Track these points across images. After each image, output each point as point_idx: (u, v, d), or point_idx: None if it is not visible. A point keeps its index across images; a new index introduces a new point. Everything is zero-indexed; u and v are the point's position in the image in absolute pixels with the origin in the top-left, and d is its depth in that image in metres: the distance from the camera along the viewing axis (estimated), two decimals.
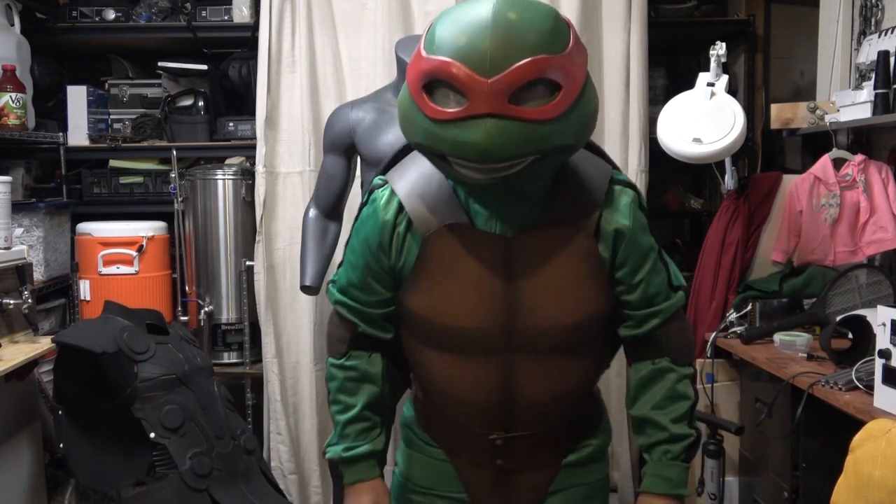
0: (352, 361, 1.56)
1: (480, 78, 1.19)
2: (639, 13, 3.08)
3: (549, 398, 1.48)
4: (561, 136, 1.25)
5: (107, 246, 3.11)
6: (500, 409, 1.47)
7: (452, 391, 1.49)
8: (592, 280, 1.41)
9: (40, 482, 2.62)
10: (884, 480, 1.59)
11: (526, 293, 1.40)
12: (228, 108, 3.62)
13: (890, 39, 2.60)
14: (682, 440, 1.48)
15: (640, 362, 1.52)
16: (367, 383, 1.56)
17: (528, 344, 1.43)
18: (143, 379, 2.33)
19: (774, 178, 2.94)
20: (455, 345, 1.45)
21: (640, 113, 3.11)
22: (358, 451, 1.55)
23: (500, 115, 1.20)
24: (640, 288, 1.44)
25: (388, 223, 1.43)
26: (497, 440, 1.50)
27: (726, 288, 2.87)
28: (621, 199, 1.43)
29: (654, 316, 1.47)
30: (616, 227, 1.41)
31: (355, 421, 1.55)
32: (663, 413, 1.48)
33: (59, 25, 3.44)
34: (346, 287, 1.53)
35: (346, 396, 1.56)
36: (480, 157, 1.23)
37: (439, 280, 1.42)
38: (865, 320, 2.14)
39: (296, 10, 3.05)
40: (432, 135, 1.26)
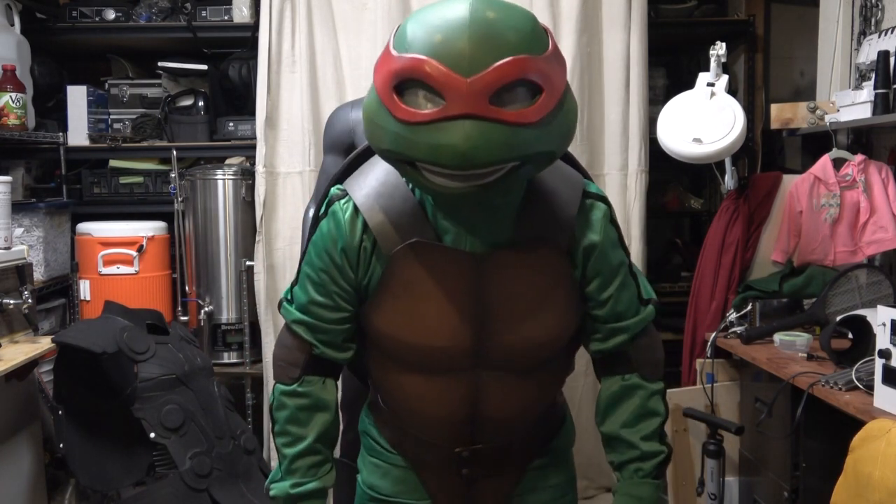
0: (305, 388, 1.43)
1: (459, 76, 1.10)
2: (639, 13, 3.08)
3: (516, 412, 1.44)
4: (542, 142, 1.18)
5: (107, 246, 3.11)
6: (466, 424, 1.43)
7: (418, 408, 1.43)
8: (564, 299, 1.37)
9: (40, 482, 2.62)
10: (884, 480, 1.59)
11: (496, 313, 1.34)
12: (228, 108, 3.62)
13: (890, 39, 2.60)
14: (653, 458, 1.44)
15: (609, 378, 1.47)
16: (320, 412, 1.44)
17: (496, 362, 1.38)
18: (143, 379, 2.33)
19: (774, 178, 2.93)
20: (422, 363, 1.39)
21: (640, 113, 3.11)
22: (306, 489, 1.43)
23: (480, 116, 1.11)
24: (609, 304, 1.40)
25: (353, 240, 1.34)
26: (463, 452, 1.46)
27: (726, 288, 2.87)
28: (593, 214, 1.37)
29: (622, 332, 1.43)
30: (587, 242, 1.36)
31: (305, 455, 1.43)
32: (634, 431, 1.44)
33: (59, 25, 3.44)
34: (306, 305, 1.40)
35: (295, 427, 1.43)
36: (458, 161, 1.12)
37: (405, 299, 1.34)
38: (865, 320, 2.14)
39: (296, 10, 3.05)
40: (403, 139, 1.15)
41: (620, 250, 1.41)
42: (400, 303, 1.34)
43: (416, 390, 1.41)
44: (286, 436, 1.44)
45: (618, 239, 1.41)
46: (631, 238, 3.16)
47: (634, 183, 3.14)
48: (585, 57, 3.07)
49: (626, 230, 3.16)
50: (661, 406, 1.46)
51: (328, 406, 1.45)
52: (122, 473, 2.55)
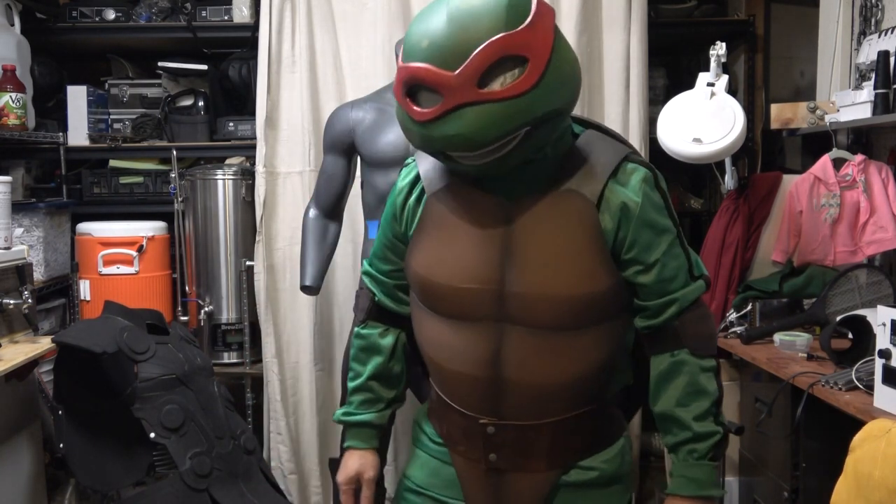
0: (367, 330, 1.62)
1: (447, 73, 1.23)
2: (639, 13, 3.08)
3: (541, 383, 1.41)
4: (542, 104, 1.27)
5: (107, 246, 3.11)
6: (489, 387, 1.43)
7: (445, 360, 1.47)
8: (591, 253, 1.37)
9: (40, 482, 2.62)
10: (884, 480, 1.59)
11: (520, 258, 1.38)
12: (228, 108, 3.62)
13: (890, 39, 2.60)
14: (707, 438, 1.40)
15: (658, 355, 1.44)
16: (376, 355, 1.61)
17: (519, 314, 1.38)
18: (143, 379, 2.33)
19: (774, 178, 2.94)
20: (449, 307, 1.44)
21: (640, 113, 3.11)
22: (356, 419, 1.61)
23: (473, 102, 1.24)
24: (656, 269, 1.38)
25: (403, 189, 1.50)
26: (488, 426, 1.45)
27: (726, 288, 2.87)
28: (633, 176, 1.39)
29: (671, 304, 1.40)
30: (623, 200, 1.37)
31: (360, 390, 1.61)
32: (686, 410, 1.41)
33: (59, 25, 3.44)
34: (371, 257, 1.62)
35: (356, 364, 1.62)
36: (468, 146, 1.27)
37: (437, 239, 1.44)
38: (865, 320, 2.14)
39: (296, 10, 3.05)
40: (424, 136, 1.30)
41: (667, 218, 1.41)
42: (432, 242, 1.45)
43: (444, 339, 1.46)
44: (351, 370, 1.63)
45: (664, 206, 1.41)
46: None
47: None
48: (585, 57, 3.07)
49: None
50: (713, 384, 1.42)
51: (383, 351, 1.61)
52: (122, 473, 2.55)
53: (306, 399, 3.10)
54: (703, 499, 1.40)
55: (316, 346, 3.08)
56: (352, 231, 3.01)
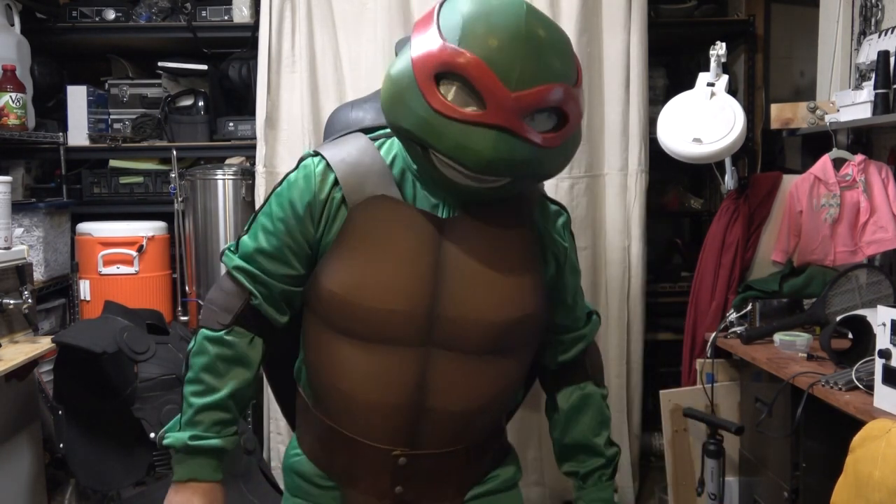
0: (232, 337, 1.35)
1: (505, 89, 1.14)
2: (639, 13, 3.08)
3: (462, 409, 1.34)
4: (552, 164, 1.25)
5: (107, 246, 3.11)
6: (408, 414, 1.32)
7: (360, 390, 1.32)
8: (526, 279, 1.33)
9: (40, 482, 2.62)
10: (884, 480, 1.59)
11: (454, 279, 1.29)
12: (228, 108, 3.62)
13: (890, 39, 2.60)
14: (612, 461, 1.50)
15: (565, 388, 1.50)
16: (241, 367, 1.35)
17: (449, 338, 1.30)
18: (143, 379, 2.33)
19: (774, 178, 2.94)
20: (371, 331, 1.30)
21: (640, 113, 3.11)
22: (206, 444, 1.33)
23: (512, 131, 1.16)
24: (575, 309, 1.46)
25: (322, 191, 1.31)
26: (400, 457, 1.34)
27: (726, 288, 2.87)
28: (559, 219, 1.42)
29: (580, 340, 1.48)
30: (559, 244, 1.40)
31: (213, 408, 1.33)
32: (599, 438, 1.49)
33: (59, 25, 3.44)
34: (252, 254, 1.35)
35: (211, 377, 1.34)
36: (479, 167, 1.18)
37: (363, 255, 1.29)
38: (865, 320, 2.14)
39: (296, 10, 3.05)
40: (430, 127, 1.17)
41: (576, 258, 1.47)
42: (354, 259, 1.29)
43: (360, 366, 1.31)
44: (198, 384, 1.34)
45: (574, 247, 1.46)
46: (631, 238, 3.16)
47: (634, 183, 3.14)
48: (585, 57, 3.07)
49: (626, 230, 3.17)
50: (608, 410, 1.53)
51: (251, 364, 1.37)
52: (122, 473, 2.55)
53: None
54: None
55: None
56: None
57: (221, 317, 1.35)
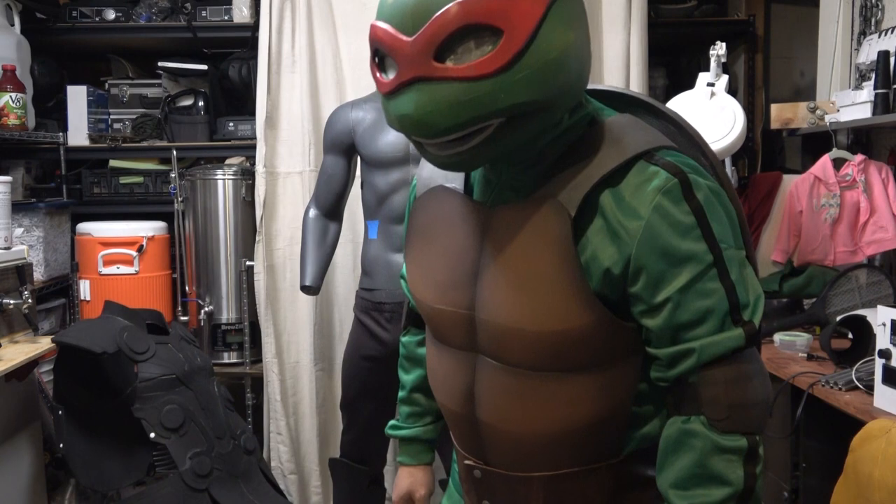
0: (407, 338, 1.49)
1: (403, 37, 0.99)
2: (639, 13, 3.08)
3: (519, 431, 1.15)
4: (513, 92, 0.98)
5: (107, 246, 3.11)
6: (468, 425, 1.22)
7: (436, 389, 1.30)
8: (562, 279, 1.05)
9: (40, 482, 2.62)
10: (884, 480, 1.59)
11: (490, 280, 1.12)
12: (228, 108, 3.62)
13: (890, 39, 2.60)
14: None
15: (671, 417, 1.10)
16: (417, 366, 1.46)
17: (490, 346, 1.14)
18: (143, 379, 2.33)
19: (774, 178, 2.94)
20: (434, 328, 1.26)
21: None
22: (403, 433, 1.48)
23: (425, 77, 0.98)
24: (667, 310, 1.03)
25: (412, 188, 1.33)
26: (475, 469, 1.24)
27: None
28: (646, 184, 1.03)
29: (688, 355, 1.04)
30: (624, 221, 1.03)
31: (405, 403, 1.49)
32: (684, 497, 1.05)
33: (59, 25, 3.43)
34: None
35: (402, 373, 1.49)
36: (418, 130, 1.02)
37: (420, 249, 1.24)
38: (865, 320, 2.14)
39: (296, 10, 3.05)
40: (386, 111, 1.06)
41: (695, 242, 1.02)
42: (416, 253, 1.26)
43: (434, 365, 1.30)
44: (399, 380, 1.50)
45: (693, 226, 1.02)
46: None
47: None
48: None
49: None
50: (736, 472, 1.03)
51: (422, 361, 1.43)
52: (122, 473, 2.55)
53: (306, 399, 3.09)
54: None
55: (316, 346, 3.08)
56: (352, 231, 3.01)
57: (403, 321, 1.50)
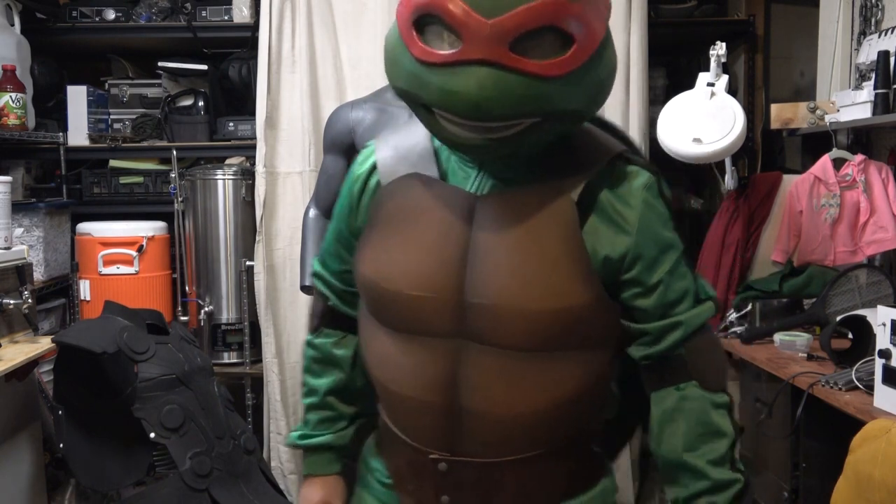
0: (320, 339, 1.39)
1: (480, 17, 0.99)
2: (639, 13, 3.08)
3: (506, 415, 1.17)
4: (567, 98, 1.06)
5: (107, 246, 3.11)
6: (444, 415, 1.19)
7: (396, 383, 1.23)
8: (567, 261, 1.13)
9: (40, 482, 2.62)
10: (884, 480, 1.59)
11: (484, 263, 1.14)
12: (228, 108, 3.62)
13: (890, 39, 2.60)
14: (727, 488, 1.17)
15: (660, 391, 1.20)
16: (332, 367, 1.37)
17: (482, 330, 1.15)
18: (143, 379, 2.33)
19: (774, 178, 2.94)
20: (402, 319, 1.20)
21: (640, 113, 3.11)
22: (313, 442, 1.37)
23: (497, 63, 1.00)
24: (658, 292, 1.16)
25: (360, 176, 1.27)
26: (440, 462, 1.21)
27: (726, 288, 2.87)
28: (633, 181, 1.16)
29: (676, 328, 1.17)
30: (623, 212, 1.15)
31: (316, 408, 1.38)
32: (698, 455, 1.17)
33: (59, 25, 3.44)
34: (322, 254, 1.38)
35: (310, 378, 1.39)
36: (469, 111, 1.04)
37: (389, 235, 1.20)
38: (865, 320, 2.14)
39: (296, 10, 3.05)
40: (417, 80, 1.07)
41: (671, 232, 1.18)
42: (382, 242, 1.21)
43: (395, 357, 1.22)
44: (304, 386, 1.42)
45: (669, 217, 1.19)
46: None
47: None
48: None
49: None
50: (728, 423, 1.19)
51: (341, 363, 1.37)
52: (122, 473, 2.55)
53: None
54: None
55: None
56: None
57: (311, 322, 1.41)
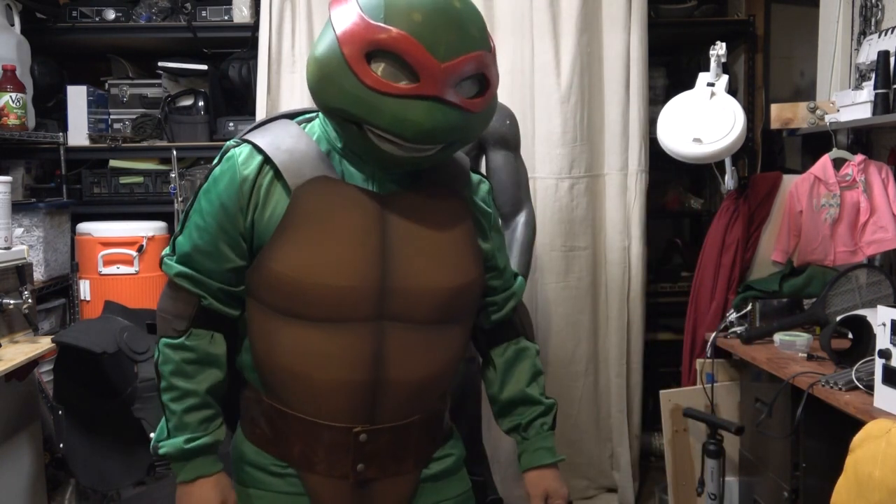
0: (192, 341, 1.38)
1: (435, 60, 1.20)
2: (639, 13, 3.08)
3: (418, 379, 1.40)
4: (475, 128, 1.32)
5: (107, 246, 3.11)
6: (368, 389, 1.36)
7: (317, 371, 1.34)
8: (466, 247, 1.42)
9: (40, 482, 2.62)
10: (884, 480, 1.59)
11: (401, 253, 1.35)
12: (228, 108, 3.62)
13: (890, 39, 2.60)
14: (551, 410, 1.55)
15: (499, 346, 1.56)
16: (209, 367, 1.40)
17: (402, 310, 1.35)
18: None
19: (774, 178, 2.94)
20: (323, 310, 1.32)
21: (640, 113, 3.11)
22: (200, 443, 1.38)
23: (444, 100, 1.22)
24: (505, 272, 1.54)
25: (247, 178, 1.32)
26: (361, 433, 1.37)
27: (726, 288, 2.87)
28: (481, 187, 1.49)
29: (511, 298, 1.54)
30: (485, 212, 1.47)
31: (196, 409, 1.38)
32: (534, 388, 1.54)
33: (59, 25, 3.44)
34: (189, 255, 1.37)
35: (183, 382, 1.37)
36: (418, 137, 1.24)
37: (308, 237, 1.31)
38: (865, 320, 2.14)
39: (296, 10, 3.06)
40: (366, 104, 1.22)
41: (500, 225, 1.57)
42: (303, 241, 1.31)
43: (314, 347, 1.34)
44: (174, 390, 1.38)
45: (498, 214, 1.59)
46: (631, 238, 3.16)
47: (634, 183, 3.14)
48: (585, 57, 3.07)
49: (626, 230, 3.17)
50: (540, 365, 1.59)
51: (217, 361, 1.41)
52: (122, 473, 2.55)
53: None
54: (557, 465, 1.54)
55: None
56: None
57: (177, 323, 1.39)
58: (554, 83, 3.06)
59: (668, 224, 4.13)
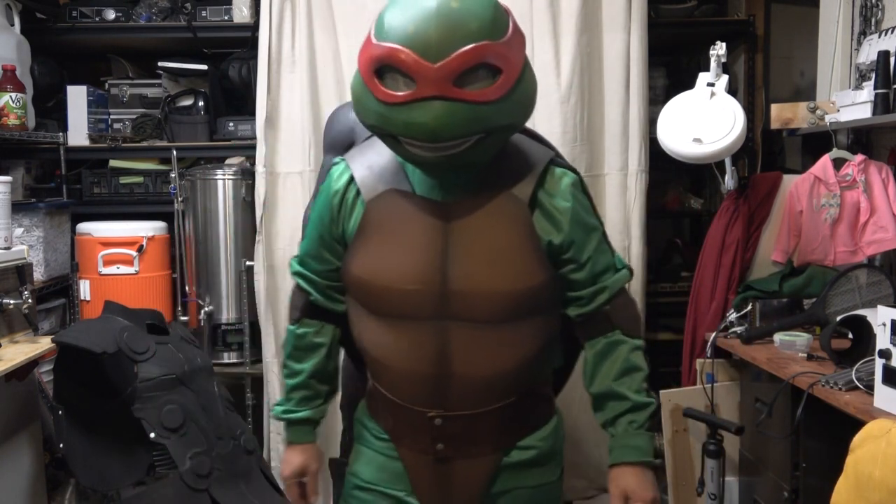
0: (302, 329, 1.66)
1: (427, 63, 1.28)
2: (639, 13, 3.08)
3: (486, 374, 1.49)
4: (502, 116, 1.35)
5: (107, 246, 3.11)
6: (436, 382, 1.50)
7: (391, 360, 1.52)
8: (526, 250, 1.46)
9: (40, 482, 2.62)
10: (884, 480, 1.59)
11: (460, 257, 1.45)
12: (228, 108, 3.62)
13: (890, 39, 2.60)
14: (644, 408, 1.53)
15: (592, 339, 1.57)
16: (313, 354, 1.65)
17: (463, 311, 1.46)
18: (143, 379, 2.33)
19: (774, 178, 2.94)
20: (392, 309, 1.49)
21: (640, 113, 3.11)
22: (297, 416, 1.67)
23: (445, 97, 1.29)
24: (588, 265, 1.52)
25: (337, 191, 1.53)
26: (436, 418, 1.51)
27: (726, 288, 2.87)
28: (562, 181, 1.50)
29: (602, 292, 1.53)
30: (558, 206, 1.48)
31: (299, 388, 1.66)
32: (623, 384, 1.53)
33: (59, 25, 3.44)
34: (303, 258, 1.64)
35: (293, 363, 1.67)
36: (429, 136, 1.32)
37: (379, 242, 1.49)
38: (865, 320, 2.14)
39: (296, 10, 3.05)
40: (384, 117, 1.34)
41: (594, 217, 1.55)
42: (373, 246, 1.49)
43: (387, 338, 1.51)
44: (286, 368, 1.68)
45: (591, 207, 1.55)
46: (631, 238, 3.16)
47: (634, 183, 3.14)
48: (585, 57, 3.07)
49: (626, 230, 3.16)
50: (643, 361, 1.56)
51: (320, 348, 1.66)
52: (122, 473, 2.55)
53: None
54: (646, 465, 1.52)
55: None
56: None
57: (293, 313, 1.68)
58: (554, 83, 3.06)
59: (668, 224, 4.12)
